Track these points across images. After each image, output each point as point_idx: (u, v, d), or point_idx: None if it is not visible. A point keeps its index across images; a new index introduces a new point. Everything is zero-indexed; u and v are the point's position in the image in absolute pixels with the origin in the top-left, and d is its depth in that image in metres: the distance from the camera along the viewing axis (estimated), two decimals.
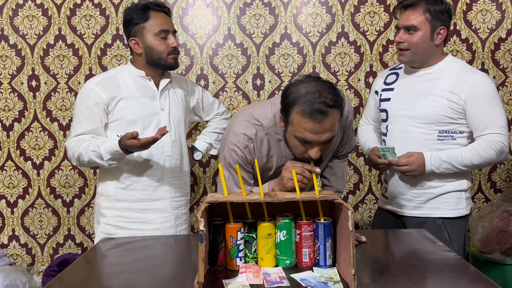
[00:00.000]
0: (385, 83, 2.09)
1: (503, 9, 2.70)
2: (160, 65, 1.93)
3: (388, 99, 2.04)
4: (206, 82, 2.77)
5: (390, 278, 1.34)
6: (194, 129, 2.84)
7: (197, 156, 2.21)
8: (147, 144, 1.71)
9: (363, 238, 1.67)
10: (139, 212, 1.94)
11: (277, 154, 1.62)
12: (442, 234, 1.91)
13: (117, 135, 1.81)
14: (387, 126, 2.05)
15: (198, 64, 2.77)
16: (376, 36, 2.73)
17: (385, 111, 2.05)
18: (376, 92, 2.12)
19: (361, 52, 2.74)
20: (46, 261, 2.91)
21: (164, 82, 1.97)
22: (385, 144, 2.06)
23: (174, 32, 1.95)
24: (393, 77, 2.08)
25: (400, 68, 2.08)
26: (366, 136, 2.18)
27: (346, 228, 1.27)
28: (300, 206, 1.41)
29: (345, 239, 1.30)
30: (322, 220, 1.40)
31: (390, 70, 2.14)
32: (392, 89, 2.05)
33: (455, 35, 2.73)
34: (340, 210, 1.36)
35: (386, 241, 1.71)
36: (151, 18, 1.89)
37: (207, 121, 2.27)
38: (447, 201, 1.95)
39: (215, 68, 2.77)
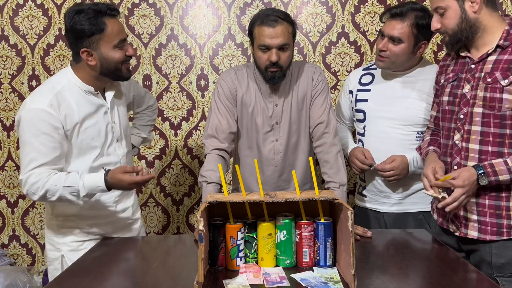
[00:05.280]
0: (361, 84, 2.11)
1: (503, 9, 2.70)
2: (115, 76, 1.74)
3: (365, 100, 2.06)
4: (206, 82, 2.77)
5: (390, 278, 1.34)
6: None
7: (134, 152, 2.11)
8: (144, 182, 1.65)
9: (369, 233, 1.70)
10: (105, 225, 1.83)
11: (254, 88, 1.93)
12: (424, 227, 1.97)
13: (103, 168, 1.69)
14: (364, 126, 2.08)
15: (198, 64, 2.77)
16: (376, 36, 2.73)
17: (363, 111, 2.07)
18: (351, 92, 2.14)
19: (362, 52, 2.73)
20: (46, 261, 2.91)
21: (110, 94, 1.81)
22: (362, 144, 2.08)
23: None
24: (369, 77, 2.11)
25: (375, 68, 2.10)
26: (341, 134, 2.15)
27: (346, 228, 1.27)
28: (300, 206, 1.41)
29: (345, 239, 1.30)
30: (322, 220, 1.40)
31: (364, 70, 2.15)
32: (368, 90, 2.07)
33: None
34: (340, 210, 1.36)
35: (386, 241, 1.71)
36: (108, 28, 1.65)
37: (136, 113, 2.16)
38: (424, 195, 2.00)
39: (215, 68, 2.77)
